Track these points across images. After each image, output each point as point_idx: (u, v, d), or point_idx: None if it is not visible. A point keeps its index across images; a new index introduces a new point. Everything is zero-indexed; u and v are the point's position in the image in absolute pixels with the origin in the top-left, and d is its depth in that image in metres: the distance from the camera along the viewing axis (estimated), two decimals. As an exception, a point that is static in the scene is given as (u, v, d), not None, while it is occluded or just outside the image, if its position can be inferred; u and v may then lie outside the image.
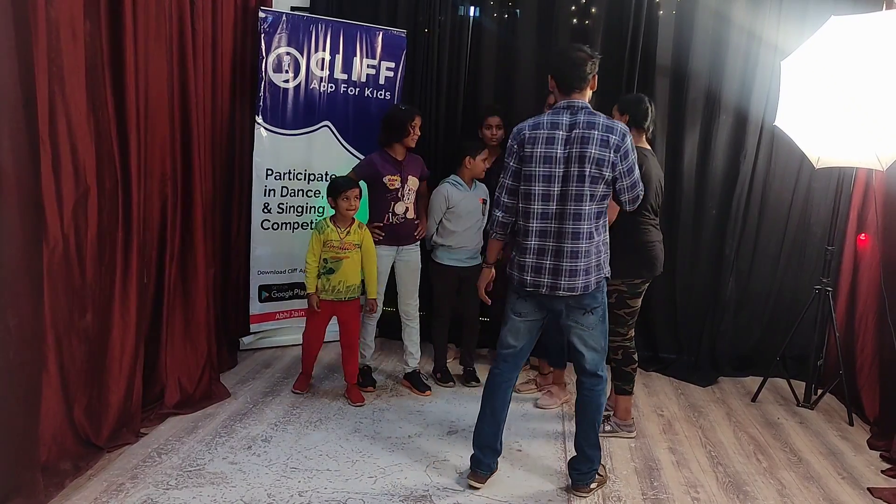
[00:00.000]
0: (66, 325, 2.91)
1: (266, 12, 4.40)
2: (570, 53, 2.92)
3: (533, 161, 2.87)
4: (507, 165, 2.96)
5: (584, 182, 2.83)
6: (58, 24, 2.73)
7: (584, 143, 2.81)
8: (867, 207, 4.47)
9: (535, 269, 2.93)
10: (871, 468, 3.62)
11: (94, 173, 3.00)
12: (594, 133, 2.82)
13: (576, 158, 2.82)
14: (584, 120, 2.85)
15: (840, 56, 3.80)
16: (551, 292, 2.92)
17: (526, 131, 2.90)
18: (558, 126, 2.86)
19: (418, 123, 4.04)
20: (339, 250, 3.88)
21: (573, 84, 2.89)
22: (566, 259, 2.89)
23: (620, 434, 3.78)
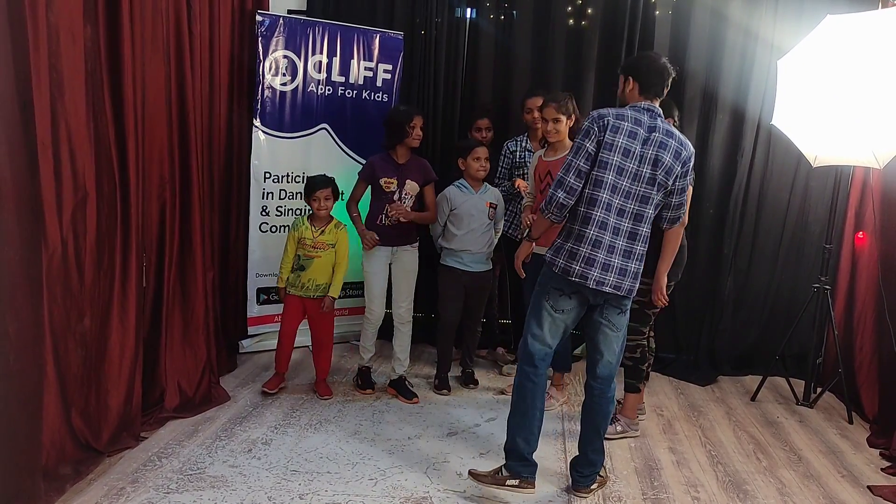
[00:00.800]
0: (64, 330, 2.91)
1: (263, 16, 4.40)
2: (659, 60, 2.96)
3: (612, 149, 2.81)
4: (583, 147, 2.84)
5: (652, 185, 2.86)
6: (58, 28, 2.74)
7: (662, 148, 2.84)
8: (864, 205, 4.48)
9: (587, 261, 2.85)
10: (871, 466, 3.62)
11: (93, 178, 3.00)
12: (671, 142, 2.86)
13: (650, 160, 2.84)
14: (663, 126, 2.88)
15: (836, 55, 3.81)
16: (597, 287, 2.86)
17: (610, 118, 2.83)
18: (640, 124, 2.85)
19: (418, 124, 3.97)
20: (312, 249, 3.92)
21: (658, 90, 2.94)
22: (619, 257, 2.87)
23: (629, 434, 3.78)
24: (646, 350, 3.75)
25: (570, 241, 2.90)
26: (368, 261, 4.06)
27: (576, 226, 2.89)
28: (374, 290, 4.08)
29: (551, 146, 3.89)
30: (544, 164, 3.89)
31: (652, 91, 2.93)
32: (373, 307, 4.11)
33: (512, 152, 4.40)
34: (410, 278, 4.13)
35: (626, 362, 3.75)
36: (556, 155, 3.84)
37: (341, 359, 4.66)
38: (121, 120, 3.16)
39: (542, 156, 3.96)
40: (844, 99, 3.77)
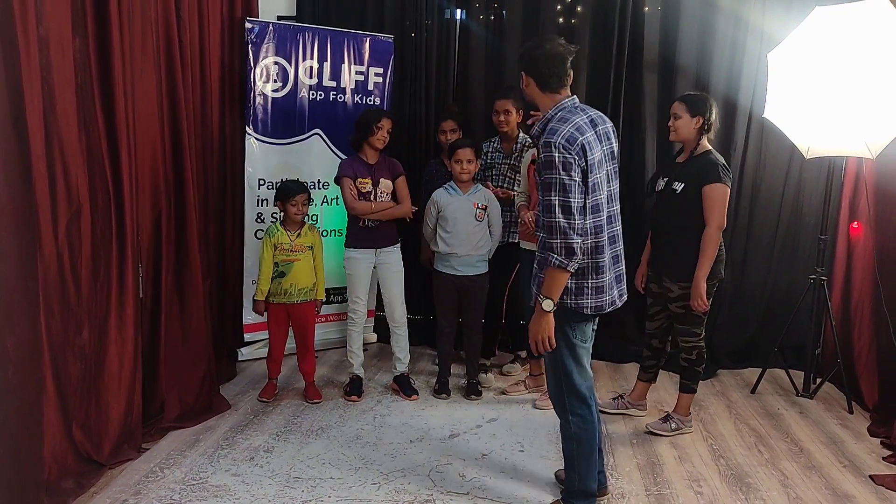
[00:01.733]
0: (63, 343, 2.90)
1: (252, 22, 4.40)
2: (552, 46, 2.67)
3: (594, 169, 2.57)
4: (573, 182, 2.51)
5: (617, 178, 2.80)
6: (48, 41, 2.73)
7: (608, 138, 2.72)
8: (858, 196, 4.49)
9: (618, 280, 2.75)
10: (873, 455, 3.63)
11: (87, 190, 3.00)
12: (608, 126, 2.75)
13: (610, 156, 2.71)
14: (595, 115, 2.72)
15: (826, 46, 3.82)
16: (624, 300, 2.79)
17: (580, 138, 2.54)
18: (588, 125, 2.62)
19: (386, 126, 3.98)
20: (290, 253, 3.94)
21: (558, 81, 2.68)
22: (622, 262, 2.81)
23: (684, 430, 3.79)
24: (702, 351, 3.72)
25: (590, 278, 2.67)
26: (351, 263, 4.06)
27: (589, 259, 2.65)
28: (357, 292, 4.10)
29: None
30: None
31: (554, 85, 2.68)
32: (357, 308, 4.12)
33: (484, 153, 4.35)
34: (399, 279, 4.13)
35: (682, 363, 3.77)
36: None
37: (340, 364, 4.65)
38: (113, 131, 3.15)
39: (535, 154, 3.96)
40: (835, 90, 3.78)
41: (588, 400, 2.80)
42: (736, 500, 3.13)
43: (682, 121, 3.59)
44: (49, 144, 2.75)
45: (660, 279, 3.74)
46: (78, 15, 2.92)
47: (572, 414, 2.79)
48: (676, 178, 3.60)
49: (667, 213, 3.65)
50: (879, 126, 3.74)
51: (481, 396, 4.18)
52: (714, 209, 3.49)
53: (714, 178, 3.48)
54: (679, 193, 3.56)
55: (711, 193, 3.49)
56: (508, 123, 4.16)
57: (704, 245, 3.50)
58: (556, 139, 2.52)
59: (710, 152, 3.60)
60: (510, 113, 4.14)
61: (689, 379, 3.78)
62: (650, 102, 4.81)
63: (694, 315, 3.63)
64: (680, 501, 3.11)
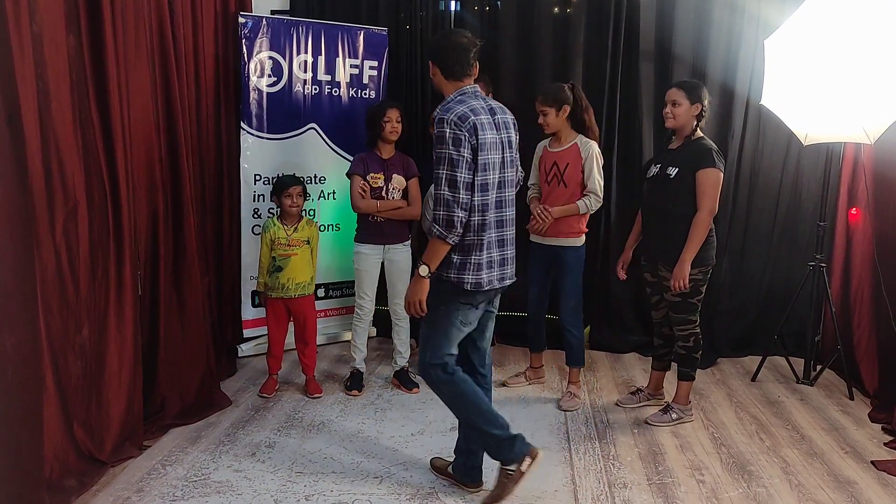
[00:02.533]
0: (62, 342, 2.89)
1: (246, 17, 4.38)
2: (458, 38, 2.78)
3: (485, 149, 2.70)
4: (461, 158, 2.64)
5: (512, 166, 2.89)
6: (41, 39, 2.71)
7: (507, 127, 2.84)
8: (857, 182, 4.48)
9: (501, 263, 2.86)
10: (874, 441, 3.64)
11: (83, 188, 2.98)
12: (508, 117, 2.89)
13: (507, 144, 2.83)
14: (495, 105, 2.86)
15: (823, 32, 3.80)
16: (504, 283, 2.90)
17: (472, 118, 2.67)
18: (485, 111, 2.75)
19: (392, 116, 3.98)
20: (287, 247, 3.94)
21: (463, 71, 2.78)
22: (510, 246, 2.91)
23: (685, 419, 3.80)
24: (699, 338, 3.74)
25: (473, 254, 2.77)
26: (360, 259, 4.06)
27: (473, 236, 2.75)
28: (364, 288, 4.10)
29: (555, 137, 3.89)
30: (550, 155, 3.89)
31: (457, 74, 2.78)
32: (363, 304, 4.12)
33: None
34: (405, 277, 4.12)
35: (679, 351, 3.77)
36: (561, 145, 3.85)
37: (340, 358, 4.65)
38: (108, 128, 3.14)
39: (546, 146, 3.96)
40: (833, 76, 3.77)
41: (449, 367, 2.85)
42: (738, 488, 3.14)
43: (681, 108, 3.58)
44: (44, 142, 2.74)
45: (654, 267, 3.74)
46: (71, 12, 2.90)
47: (440, 384, 2.88)
48: (670, 164, 3.60)
49: (661, 199, 3.65)
50: (877, 112, 3.73)
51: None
52: (706, 194, 3.49)
53: (709, 162, 3.49)
54: (673, 178, 3.56)
55: (705, 178, 3.49)
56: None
57: (694, 229, 3.50)
58: (448, 116, 2.66)
59: (702, 138, 3.60)
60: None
61: (688, 366, 3.78)
62: (646, 91, 4.80)
63: (688, 303, 3.63)
64: (682, 490, 3.11)
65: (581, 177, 3.82)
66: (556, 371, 4.51)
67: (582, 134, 3.85)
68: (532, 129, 3.96)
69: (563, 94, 3.79)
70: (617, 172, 4.87)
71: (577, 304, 3.96)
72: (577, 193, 3.84)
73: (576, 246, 3.91)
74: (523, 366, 4.45)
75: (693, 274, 3.55)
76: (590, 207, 3.84)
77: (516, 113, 4.77)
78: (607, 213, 4.87)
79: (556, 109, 3.78)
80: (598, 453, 3.44)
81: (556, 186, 3.86)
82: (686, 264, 3.51)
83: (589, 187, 3.82)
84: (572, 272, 3.92)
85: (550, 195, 3.88)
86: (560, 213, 3.83)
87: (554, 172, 3.85)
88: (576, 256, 3.92)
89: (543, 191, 3.93)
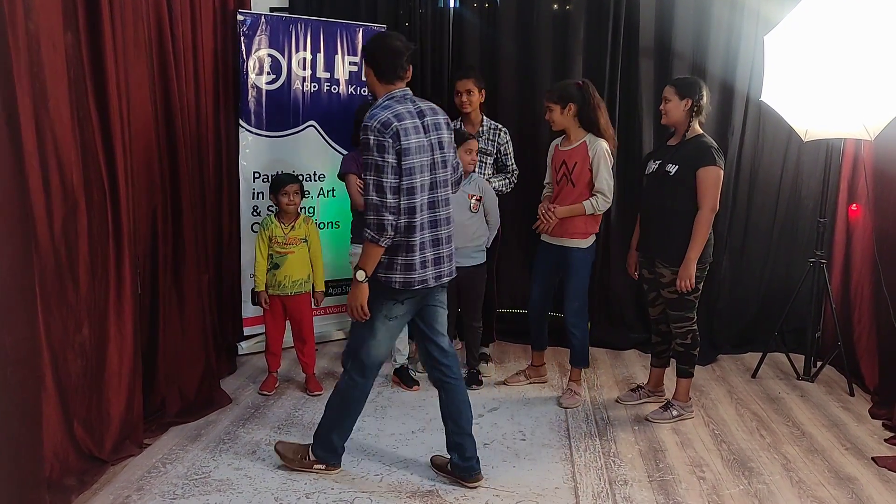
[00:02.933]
0: (61, 341, 2.89)
1: (244, 15, 4.37)
2: (392, 42, 2.89)
3: (410, 153, 2.77)
4: (386, 164, 2.73)
5: (446, 167, 2.96)
6: (38, 37, 2.70)
7: (437, 129, 2.90)
8: (857, 178, 4.48)
9: (436, 261, 2.94)
10: (875, 437, 3.64)
11: (82, 186, 2.98)
12: (440, 118, 2.95)
13: (437, 145, 2.89)
14: (426, 107, 2.92)
15: (822, 28, 3.80)
16: (440, 283, 2.98)
17: (396, 123, 2.74)
18: (412, 115, 2.83)
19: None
20: (284, 245, 3.94)
21: (395, 73, 2.88)
22: (446, 245, 2.99)
23: (685, 416, 3.79)
24: (696, 335, 3.73)
25: (400, 255, 2.85)
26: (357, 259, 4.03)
27: (401, 238, 2.83)
28: None
29: (566, 136, 3.87)
30: (560, 154, 3.87)
31: (389, 76, 2.88)
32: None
33: None
34: None
35: (677, 348, 3.77)
36: (571, 144, 3.82)
37: (339, 356, 4.63)
38: (107, 126, 3.13)
39: (558, 145, 3.93)
40: (833, 72, 3.77)
41: (366, 371, 3.02)
42: (739, 485, 3.14)
43: (671, 104, 3.59)
44: (42, 141, 2.73)
45: (651, 264, 3.73)
46: (69, 9, 2.89)
47: (350, 372, 3.03)
48: (670, 161, 3.59)
49: (659, 196, 3.64)
50: (877, 108, 3.73)
51: (482, 386, 4.17)
52: (707, 192, 3.48)
53: (709, 160, 3.48)
54: (673, 176, 3.55)
55: (705, 176, 3.48)
56: (471, 104, 4.14)
57: (697, 227, 3.50)
58: (372, 123, 2.75)
59: (702, 135, 3.59)
60: (472, 93, 4.12)
61: (686, 363, 3.77)
62: (646, 88, 4.79)
63: (686, 300, 3.63)
64: (683, 487, 3.11)
65: (590, 176, 3.78)
66: (557, 368, 4.50)
67: (593, 134, 3.80)
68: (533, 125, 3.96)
69: (570, 91, 3.75)
70: (617, 170, 4.85)
71: (580, 306, 3.94)
72: (585, 193, 3.80)
73: (582, 247, 3.87)
74: (524, 363, 4.44)
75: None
76: (597, 208, 3.78)
77: (516, 109, 4.85)
78: (607, 210, 4.85)
79: (562, 106, 3.75)
80: (598, 450, 3.44)
81: (566, 186, 3.83)
82: (692, 263, 3.51)
83: (596, 187, 3.77)
84: (577, 273, 3.89)
85: (560, 194, 3.85)
86: (565, 214, 3.79)
87: (563, 171, 3.82)
88: (581, 257, 3.88)
89: (555, 190, 3.91)
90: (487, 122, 4.22)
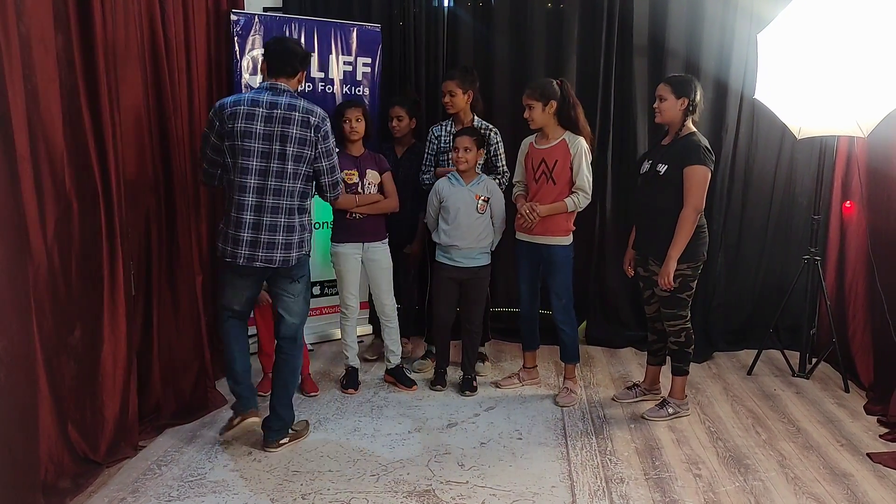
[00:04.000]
0: (56, 344, 2.88)
1: (238, 15, 4.36)
2: (284, 44, 3.28)
3: (235, 136, 3.08)
4: (207, 137, 3.18)
5: (285, 160, 3.13)
6: (29, 39, 2.69)
7: (286, 122, 3.10)
8: (850, 175, 4.49)
9: (234, 241, 3.15)
10: (870, 433, 3.64)
11: (74, 188, 2.97)
12: (295, 114, 3.12)
13: (278, 137, 3.10)
14: (286, 102, 3.13)
15: (815, 25, 3.80)
16: (248, 263, 3.16)
17: (228, 107, 3.09)
18: (259, 104, 3.10)
19: (351, 116, 3.93)
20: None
21: (281, 70, 3.19)
22: (265, 232, 3.14)
23: (681, 414, 3.80)
24: (690, 332, 3.73)
25: (228, 228, 3.17)
26: (339, 259, 4.03)
27: (230, 211, 3.16)
28: (348, 287, 4.05)
29: (542, 133, 3.86)
30: (537, 152, 3.86)
31: (275, 72, 3.19)
32: (349, 303, 4.08)
33: (437, 137, 4.27)
34: (387, 275, 4.10)
35: (672, 347, 3.77)
36: (549, 142, 3.82)
37: (335, 356, 4.64)
38: (99, 128, 3.11)
39: (533, 143, 3.92)
40: (826, 70, 3.77)
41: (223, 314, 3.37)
42: (735, 482, 3.14)
43: (667, 102, 3.57)
44: (34, 143, 2.72)
45: (645, 262, 3.74)
46: (60, 10, 2.88)
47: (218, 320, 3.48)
48: (661, 161, 3.59)
49: (651, 195, 3.65)
50: (870, 105, 3.74)
51: (476, 393, 4.10)
52: (692, 191, 3.48)
53: (695, 160, 3.47)
54: (662, 175, 3.55)
55: (691, 175, 3.48)
56: (454, 105, 4.11)
57: (680, 226, 3.49)
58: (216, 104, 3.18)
59: (693, 134, 3.58)
60: (455, 94, 4.08)
61: (681, 361, 3.78)
62: (640, 86, 4.79)
63: (678, 298, 3.63)
64: (679, 484, 3.11)
65: (570, 174, 3.79)
66: (553, 367, 4.51)
67: (571, 131, 3.81)
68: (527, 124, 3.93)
69: (551, 88, 3.75)
70: (612, 168, 4.87)
71: (567, 303, 3.94)
72: (565, 191, 3.80)
73: (564, 244, 3.88)
74: (519, 362, 4.41)
75: (682, 269, 3.55)
76: (578, 205, 3.80)
77: (510, 109, 4.84)
78: (602, 208, 4.87)
79: (543, 104, 3.74)
80: (594, 448, 3.44)
81: (545, 184, 3.82)
82: (672, 261, 3.51)
83: (577, 184, 3.78)
84: (561, 271, 3.89)
85: (539, 192, 3.84)
86: (548, 212, 3.79)
87: (542, 170, 3.82)
88: (564, 255, 3.89)
89: (531, 188, 3.90)
90: (478, 122, 4.21)
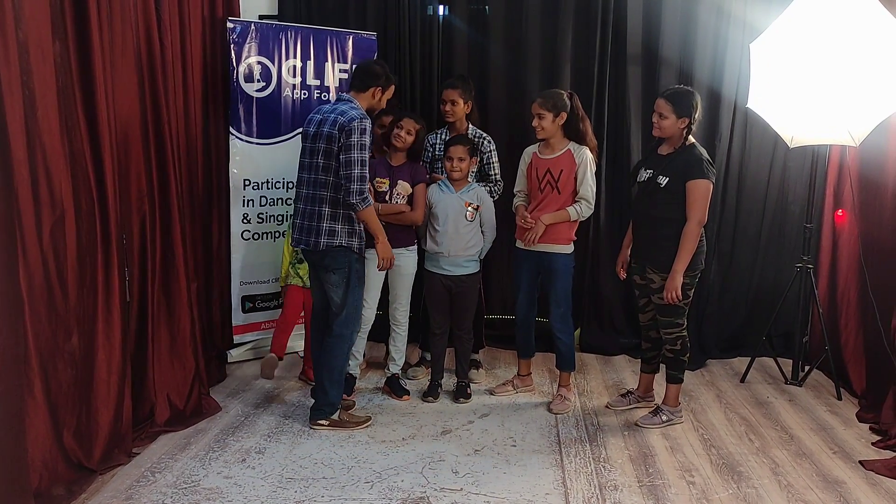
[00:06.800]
0: (50, 349, 2.88)
1: (234, 22, 4.37)
2: (370, 63, 3.75)
3: (301, 136, 3.67)
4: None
5: (317, 155, 3.50)
6: (27, 46, 2.70)
7: (323, 123, 3.49)
8: (842, 184, 4.52)
9: (299, 229, 3.58)
10: (862, 441, 3.66)
11: (70, 195, 2.97)
12: (332, 116, 3.47)
13: (317, 136, 3.50)
14: (339, 108, 3.50)
15: (808, 35, 3.83)
16: (296, 245, 3.64)
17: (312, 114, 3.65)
18: (321, 111, 3.59)
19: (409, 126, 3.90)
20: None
21: (354, 83, 3.64)
22: (306, 219, 3.55)
23: (675, 421, 3.81)
24: (686, 341, 3.74)
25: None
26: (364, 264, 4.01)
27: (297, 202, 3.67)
28: (366, 296, 3.99)
29: (546, 143, 3.87)
30: (542, 162, 3.86)
31: (350, 85, 3.70)
32: (365, 311, 4.01)
33: (432, 145, 4.29)
34: (406, 282, 4.08)
35: (667, 354, 3.78)
36: (554, 152, 3.83)
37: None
38: (95, 134, 3.12)
39: (536, 153, 3.92)
40: (818, 79, 3.80)
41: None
42: (728, 489, 3.15)
43: (668, 121, 3.57)
44: (31, 149, 2.72)
45: (643, 270, 3.75)
46: (57, 18, 2.89)
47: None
48: (662, 172, 3.60)
49: (650, 205, 3.66)
50: (862, 114, 3.77)
51: (470, 400, 4.10)
52: (695, 204, 3.50)
53: (698, 174, 3.49)
54: (664, 188, 3.57)
55: (695, 189, 3.50)
56: (455, 114, 4.13)
57: (684, 240, 3.52)
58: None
59: (694, 146, 3.59)
60: (456, 103, 4.11)
61: (676, 369, 3.79)
62: (634, 95, 4.82)
63: (675, 306, 3.64)
64: (672, 492, 3.12)
65: (575, 184, 3.81)
66: (547, 374, 4.52)
67: (576, 142, 3.82)
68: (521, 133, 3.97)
69: (563, 101, 3.77)
70: (606, 175, 4.89)
71: (566, 311, 3.96)
72: (569, 200, 3.82)
73: (566, 253, 3.90)
74: (514, 369, 4.41)
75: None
76: (581, 214, 3.82)
77: (505, 116, 4.86)
78: (596, 216, 4.88)
79: (554, 115, 3.75)
80: (588, 456, 3.45)
81: (550, 193, 3.84)
82: (678, 275, 3.53)
83: (581, 193, 3.80)
84: (562, 279, 3.91)
85: (543, 202, 3.86)
86: (550, 220, 3.80)
87: (548, 179, 3.83)
88: (565, 263, 3.91)
89: (535, 198, 3.90)
90: (472, 131, 4.23)
